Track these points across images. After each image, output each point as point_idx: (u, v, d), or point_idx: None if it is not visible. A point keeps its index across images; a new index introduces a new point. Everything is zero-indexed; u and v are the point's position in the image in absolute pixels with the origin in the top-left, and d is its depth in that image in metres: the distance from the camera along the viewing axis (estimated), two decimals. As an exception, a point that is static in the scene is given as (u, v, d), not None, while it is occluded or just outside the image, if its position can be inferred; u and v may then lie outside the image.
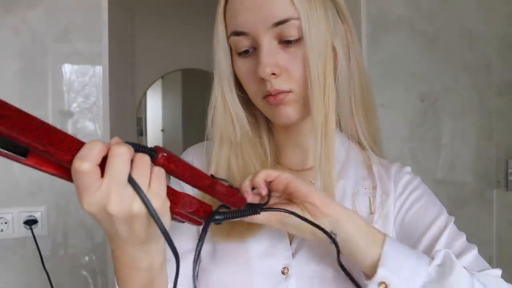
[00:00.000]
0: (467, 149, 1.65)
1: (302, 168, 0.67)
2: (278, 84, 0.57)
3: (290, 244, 0.59)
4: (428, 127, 1.60)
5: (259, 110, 0.64)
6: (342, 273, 0.55)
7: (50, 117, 1.27)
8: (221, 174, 0.62)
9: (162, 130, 3.11)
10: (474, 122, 1.66)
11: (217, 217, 0.48)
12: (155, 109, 3.07)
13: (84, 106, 1.31)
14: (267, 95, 0.58)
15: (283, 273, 0.57)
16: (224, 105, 0.63)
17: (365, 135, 0.68)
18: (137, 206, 0.36)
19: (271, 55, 0.56)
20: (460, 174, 1.64)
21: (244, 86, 0.62)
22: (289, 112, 0.59)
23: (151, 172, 0.37)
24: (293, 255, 0.58)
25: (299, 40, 0.56)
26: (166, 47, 2.87)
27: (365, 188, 0.63)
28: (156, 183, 0.37)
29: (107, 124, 1.33)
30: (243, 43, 0.58)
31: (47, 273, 1.22)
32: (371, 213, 0.61)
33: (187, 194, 0.45)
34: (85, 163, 0.32)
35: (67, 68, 1.29)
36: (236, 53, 0.60)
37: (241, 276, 0.58)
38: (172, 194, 0.41)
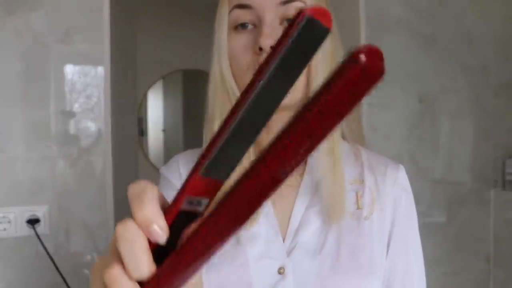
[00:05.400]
0: (464, 149, 1.66)
1: None
2: None
3: (283, 242, 0.60)
4: (426, 127, 1.61)
5: None
6: (338, 267, 0.57)
7: (52, 118, 1.29)
8: None
9: (163, 130, 3.12)
10: (471, 122, 1.67)
11: None
12: (156, 110, 3.07)
13: (86, 106, 1.32)
14: None
15: (279, 273, 0.58)
16: (222, 81, 0.62)
17: (349, 130, 0.69)
18: None
19: (273, 30, 0.57)
20: (457, 173, 1.65)
21: (235, 62, 0.61)
22: None
23: None
24: (288, 253, 0.59)
25: None
26: (167, 48, 2.87)
27: (351, 184, 0.64)
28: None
29: (108, 124, 1.34)
30: (245, 16, 0.59)
31: (57, 267, 1.23)
32: (358, 208, 0.62)
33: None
34: None
35: (69, 68, 1.31)
36: (232, 28, 0.60)
37: (239, 279, 0.59)
38: None
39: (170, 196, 0.74)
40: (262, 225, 0.61)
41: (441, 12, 1.62)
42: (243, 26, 0.59)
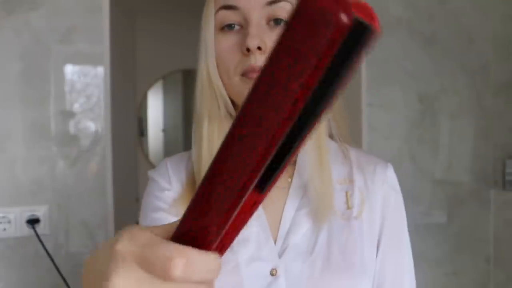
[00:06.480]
0: (464, 149, 1.66)
1: None
2: (261, 60, 0.56)
3: (274, 244, 0.60)
4: (426, 127, 1.61)
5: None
6: (329, 268, 0.57)
7: (52, 118, 1.29)
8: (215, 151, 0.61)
9: (163, 130, 3.12)
10: (471, 122, 1.67)
11: None
12: (156, 110, 3.08)
13: (86, 106, 1.32)
14: (247, 72, 0.57)
15: (272, 274, 0.58)
16: (209, 81, 0.62)
17: (336, 130, 0.69)
18: None
19: (259, 30, 0.57)
20: (457, 174, 1.65)
21: (222, 63, 0.60)
22: None
23: None
24: (279, 255, 0.59)
25: None
26: (167, 48, 2.88)
27: (340, 184, 0.64)
28: None
29: (108, 124, 1.34)
30: (231, 17, 0.59)
31: (57, 267, 1.23)
32: (348, 208, 0.62)
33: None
34: None
35: (69, 69, 1.31)
36: (218, 29, 0.60)
37: (231, 282, 0.58)
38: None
39: (158, 197, 0.73)
40: (253, 228, 0.61)
41: (441, 11, 1.62)
42: (229, 27, 0.59)
